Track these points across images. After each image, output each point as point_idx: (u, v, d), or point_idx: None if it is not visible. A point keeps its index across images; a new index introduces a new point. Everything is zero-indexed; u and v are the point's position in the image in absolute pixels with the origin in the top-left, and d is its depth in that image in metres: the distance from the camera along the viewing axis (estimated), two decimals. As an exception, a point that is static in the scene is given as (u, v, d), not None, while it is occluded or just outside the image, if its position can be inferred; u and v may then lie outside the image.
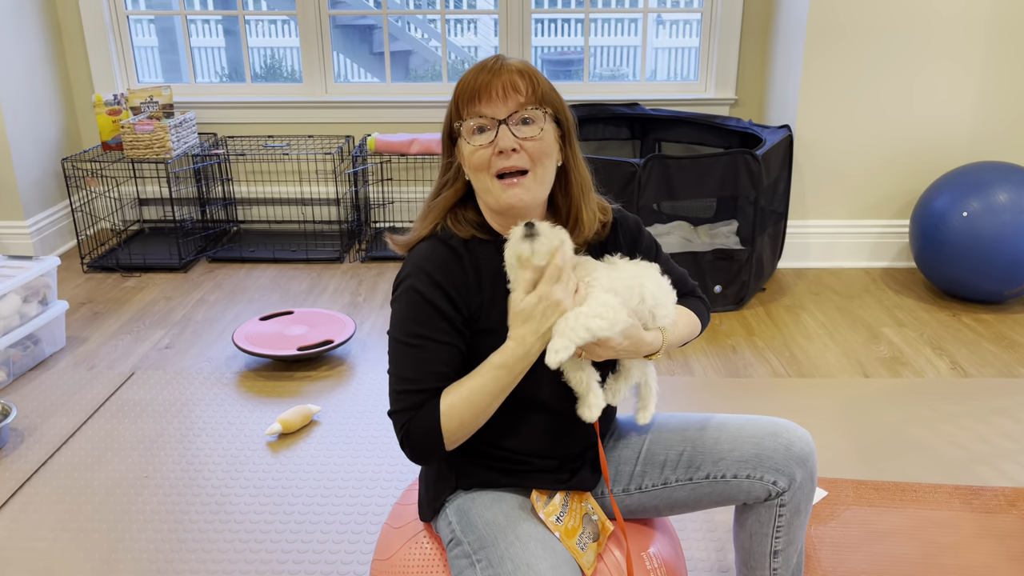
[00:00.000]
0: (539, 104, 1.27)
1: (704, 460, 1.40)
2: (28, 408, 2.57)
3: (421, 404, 1.26)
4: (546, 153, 1.28)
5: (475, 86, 1.27)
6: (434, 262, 1.29)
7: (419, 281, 1.28)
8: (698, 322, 1.47)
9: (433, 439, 1.26)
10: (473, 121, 1.27)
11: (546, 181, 1.30)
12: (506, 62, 1.28)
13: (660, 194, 3.09)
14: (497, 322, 1.28)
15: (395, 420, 1.29)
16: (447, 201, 1.35)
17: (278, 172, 4.16)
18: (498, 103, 1.26)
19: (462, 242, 1.32)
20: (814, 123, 3.59)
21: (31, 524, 2.04)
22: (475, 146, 1.27)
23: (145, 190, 4.18)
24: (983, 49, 3.46)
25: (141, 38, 4.29)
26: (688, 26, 6.89)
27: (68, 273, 3.68)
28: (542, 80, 1.29)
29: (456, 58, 7.02)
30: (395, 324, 1.30)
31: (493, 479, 1.37)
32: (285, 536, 1.99)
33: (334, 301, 3.38)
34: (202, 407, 2.58)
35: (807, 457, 1.37)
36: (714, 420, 1.45)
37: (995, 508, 2.02)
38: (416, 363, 1.27)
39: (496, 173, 1.26)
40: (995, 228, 3.08)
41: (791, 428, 1.40)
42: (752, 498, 1.38)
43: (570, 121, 1.33)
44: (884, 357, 2.90)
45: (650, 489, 1.43)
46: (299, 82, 4.22)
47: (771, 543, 1.43)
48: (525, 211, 1.29)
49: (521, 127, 1.26)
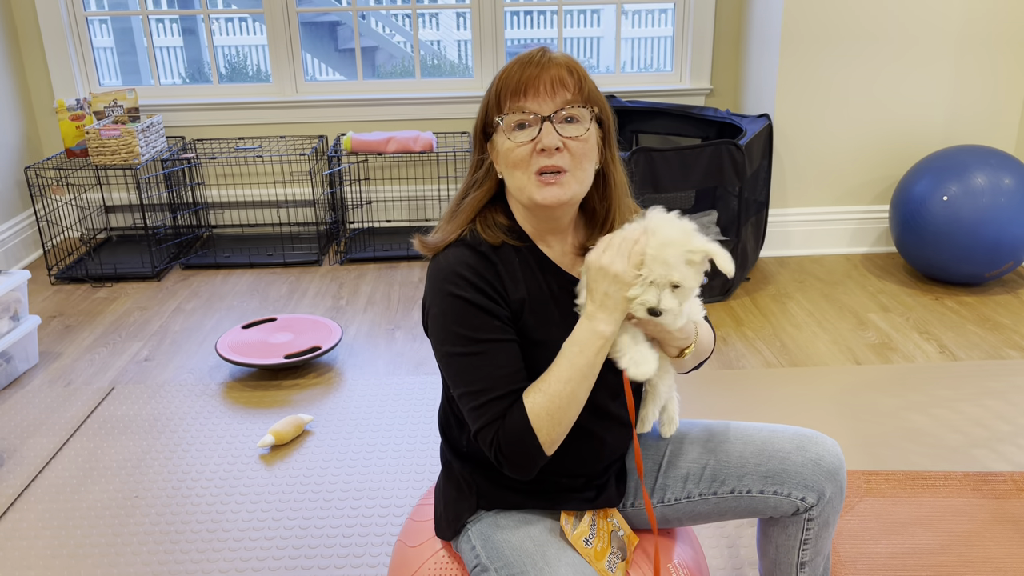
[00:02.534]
0: (585, 102, 1.21)
1: (728, 475, 1.35)
2: (5, 429, 2.47)
3: (504, 412, 1.18)
4: (588, 154, 1.22)
5: (521, 79, 1.20)
6: (467, 265, 1.22)
7: (456, 287, 1.21)
8: (713, 339, 1.42)
9: (529, 444, 1.17)
10: (515, 116, 1.20)
11: (585, 182, 1.24)
12: (553, 56, 1.22)
13: (645, 187, 3.06)
14: (543, 333, 1.23)
15: (482, 438, 1.19)
16: (477, 202, 1.28)
17: (250, 175, 4.06)
18: (544, 99, 1.19)
19: (492, 248, 1.25)
20: (792, 111, 3.59)
21: (18, 553, 1.96)
22: (515, 143, 1.20)
23: (111, 196, 4.06)
24: (956, 34, 3.49)
25: (97, 39, 4.15)
26: (651, 16, 6.86)
27: (35, 285, 3.55)
28: (588, 78, 1.23)
29: (423, 53, 6.94)
30: (446, 338, 1.22)
31: (517, 501, 1.32)
32: (287, 553, 1.93)
33: (316, 305, 3.30)
34: (188, 421, 2.50)
35: (837, 471, 1.33)
36: (737, 430, 1.40)
37: (1005, 493, 2.03)
38: (485, 371, 1.19)
39: (537, 171, 1.20)
40: (975, 211, 3.11)
41: (819, 440, 1.35)
42: (779, 513, 1.35)
43: (612, 122, 1.27)
44: (873, 343, 2.91)
45: (672, 503, 1.39)
46: (267, 82, 4.12)
47: (798, 555, 1.39)
48: (560, 211, 1.24)
49: (565, 125, 1.20)
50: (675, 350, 1.28)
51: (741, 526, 1.96)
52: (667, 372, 1.36)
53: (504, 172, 1.25)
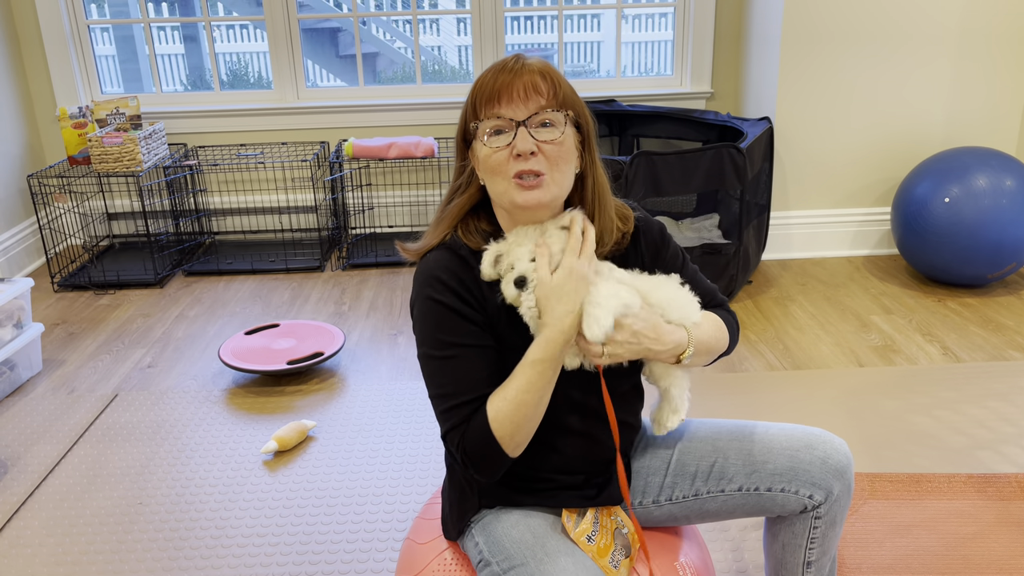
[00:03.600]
0: (560, 107, 1.23)
1: (736, 472, 1.35)
2: (9, 437, 2.47)
3: (470, 417, 1.21)
4: (565, 158, 1.24)
5: (495, 86, 1.21)
6: (444, 268, 1.25)
7: (434, 290, 1.24)
8: (726, 331, 1.40)
9: (491, 449, 1.20)
10: (491, 123, 1.22)
11: (564, 185, 1.26)
12: (527, 62, 1.23)
13: (647, 191, 3.06)
14: (518, 340, 1.24)
15: (448, 442, 1.23)
16: (459, 208, 1.31)
17: (253, 181, 4.07)
18: (518, 104, 1.21)
19: (471, 252, 1.27)
20: (793, 114, 3.59)
21: (23, 560, 1.96)
22: (492, 148, 1.22)
23: (114, 204, 4.06)
24: (957, 36, 3.49)
25: (99, 47, 4.16)
26: (651, 20, 6.88)
27: (38, 292, 3.55)
28: (563, 82, 1.25)
29: (424, 59, 6.96)
30: (422, 340, 1.25)
31: (516, 499, 1.33)
32: (291, 559, 1.93)
33: (318, 311, 3.30)
34: (192, 428, 2.50)
35: (844, 469, 1.33)
36: (745, 429, 1.40)
37: (1010, 495, 2.03)
38: (454, 375, 1.22)
39: (514, 175, 1.21)
40: (977, 213, 3.11)
41: (827, 439, 1.35)
42: (787, 511, 1.35)
43: (591, 126, 1.29)
44: (876, 345, 2.91)
45: (680, 500, 1.39)
46: (268, 88, 4.13)
47: (804, 554, 1.38)
48: (540, 213, 1.26)
49: (540, 130, 1.22)
50: (671, 357, 1.28)
51: (746, 529, 1.96)
52: (676, 376, 1.36)
53: (484, 178, 1.26)
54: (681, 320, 1.29)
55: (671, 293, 1.31)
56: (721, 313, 1.43)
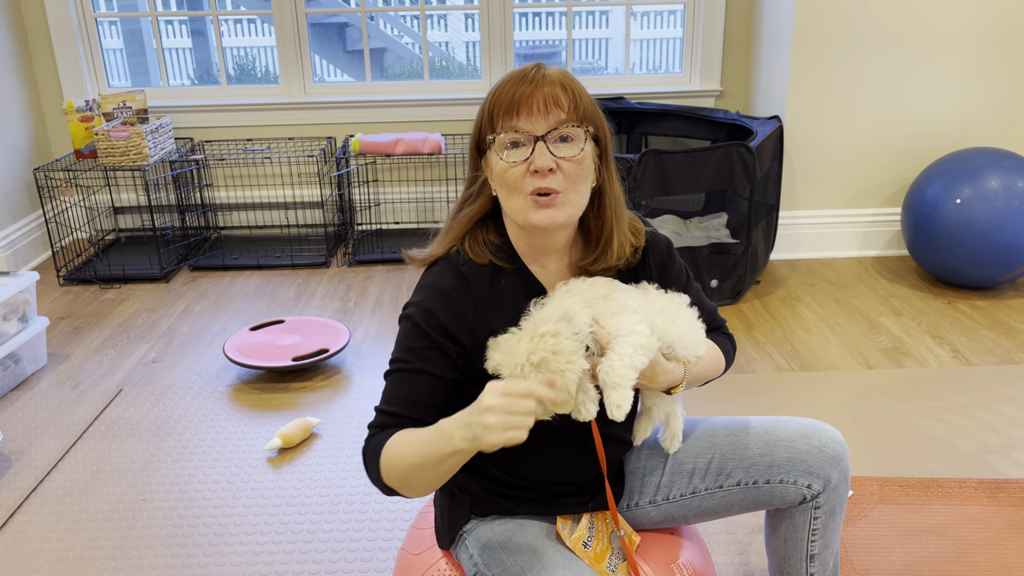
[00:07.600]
0: (580, 121, 1.19)
1: (735, 467, 1.35)
2: (13, 431, 2.47)
3: (383, 427, 1.22)
4: (583, 176, 1.20)
5: (513, 98, 1.17)
6: (440, 290, 1.23)
7: (419, 308, 1.23)
8: (723, 360, 1.39)
9: (372, 469, 1.21)
10: (508, 135, 1.18)
11: (580, 203, 1.22)
12: (547, 72, 1.19)
13: (656, 189, 3.04)
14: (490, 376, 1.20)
15: (367, 436, 1.26)
16: (469, 218, 1.27)
17: (259, 176, 4.06)
18: (537, 118, 1.17)
19: (476, 269, 1.24)
20: (803, 113, 3.57)
21: (25, 555, 1.95)
22: (508, 163, 1.18)
23: (120, 198, 4.06)
24: (969, 36, 3.46)
25: (107, 40, 4.15)
26: (660, 17, 6.85)
27: (44, 286, 3.55)
28: (584, 94, 1.20)
29: (431, 55, 6.94)
30: (394, 347, 1.27)
31: (509, 507, 1.31)
32: (294, 557, 1.92)
33: (323, 307, 3.29)
34: (196, 423, 2.49)
35: (840, 458, 1.33)
36: (741, 424, 1.39)
37: (1021, 501, 2.00)
38: (393, 387, 1.24)
39: (531, 192, 1.17)
40: (988, 214, 3.08)
41: (822, 429, 1.35)
42: (786, 503, 1.34)
43: (609, 138, 1.24)
44: (885, 347, 2.88)
45: (678, 499, 1.38)
46: (275, 83, 4.11)
47: (807, 547, 1.38)
48: (556, 233, 1.23)
49: (559, 145, 1.17)
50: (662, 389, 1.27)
51: (753, 532, 1.94)
52: (668, 402, 1.36)
53: (498, 191, 1.23)
54: (687, 356, 1.27)
55: (685, 327, 1.27)
56: (720, 338, 1.42)
